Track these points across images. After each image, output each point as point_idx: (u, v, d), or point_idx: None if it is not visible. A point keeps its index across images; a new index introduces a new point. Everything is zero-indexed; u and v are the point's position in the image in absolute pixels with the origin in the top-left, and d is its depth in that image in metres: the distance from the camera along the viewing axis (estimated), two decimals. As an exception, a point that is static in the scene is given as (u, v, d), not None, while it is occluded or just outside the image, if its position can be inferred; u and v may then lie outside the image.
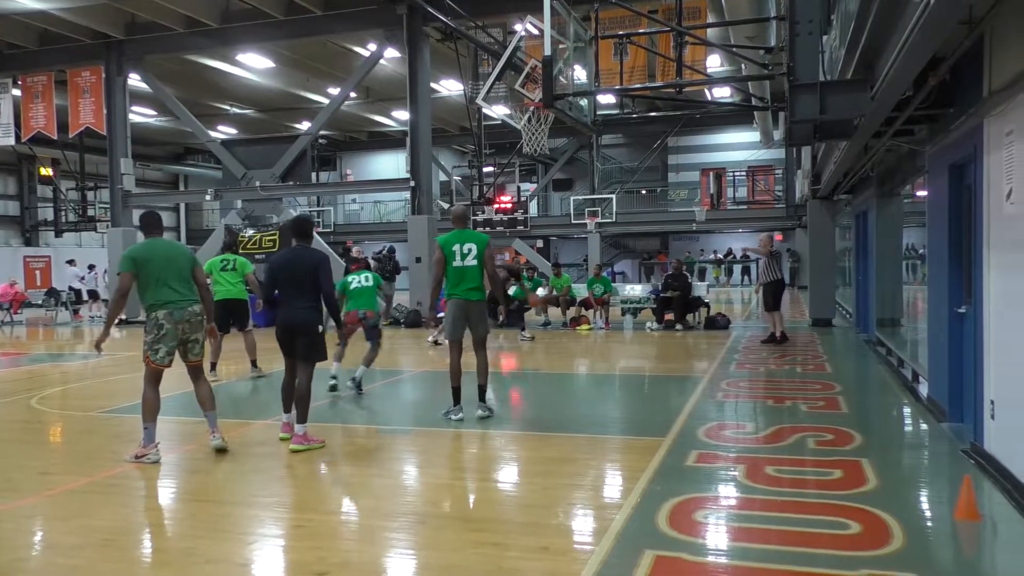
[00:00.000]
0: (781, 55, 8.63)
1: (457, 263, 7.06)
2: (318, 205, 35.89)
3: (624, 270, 37.02)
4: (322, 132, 28.57)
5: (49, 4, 16.56)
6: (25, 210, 31.45)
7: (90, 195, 27.02)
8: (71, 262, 23.17)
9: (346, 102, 21.85)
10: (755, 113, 26.77)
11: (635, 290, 17.90)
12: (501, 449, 6.49)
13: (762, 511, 4.56)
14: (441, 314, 8.04)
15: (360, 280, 8.87)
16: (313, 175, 29.08)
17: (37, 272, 28.82)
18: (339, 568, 3.90)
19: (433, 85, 20.81)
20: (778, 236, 33.57)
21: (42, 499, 5.15)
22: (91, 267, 22.95)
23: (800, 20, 6.85)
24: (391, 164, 35.41)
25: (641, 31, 14.56)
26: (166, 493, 5.44)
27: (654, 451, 5.86)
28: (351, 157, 38.96)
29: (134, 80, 20.01)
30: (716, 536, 4.24)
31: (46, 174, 28.94)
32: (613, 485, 5.42)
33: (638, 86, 15.73)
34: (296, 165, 18.97)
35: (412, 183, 17.61)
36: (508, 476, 5.76)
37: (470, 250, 7.04)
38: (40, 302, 24.38)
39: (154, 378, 6.34)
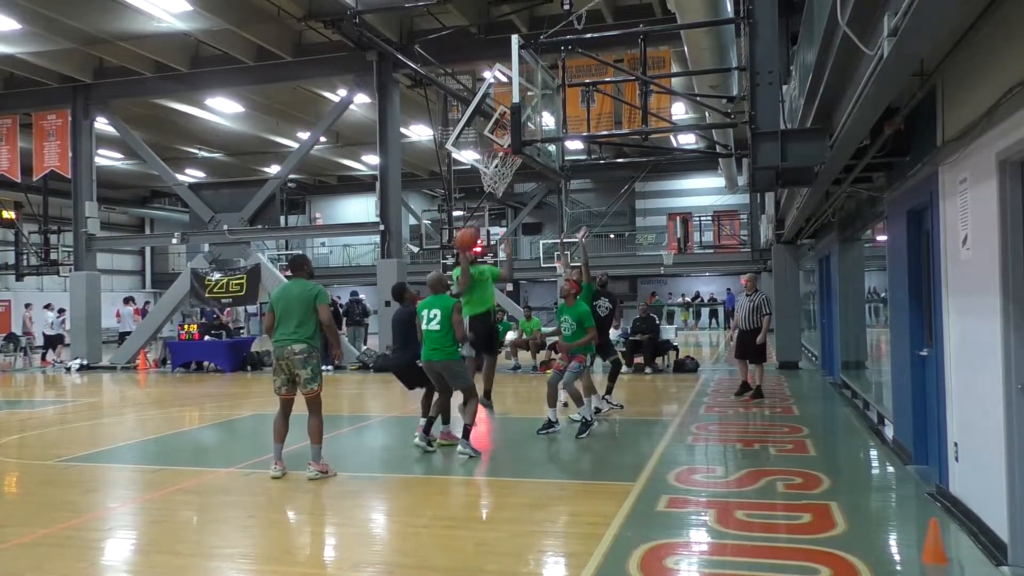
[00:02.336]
0: (743, 104, 8.87)
1: (424, 327, 7.57)
2: (287, 248, 35.66)
3: (593, 313, 37.14)
4: (291, 176, 28.55)
5: (16, 48, 16.48)
6: (-15, 253, 30.81)
7: (53, 238, 26.53)
8: (48, 306, 22.55)
9: (316, 146, 21.91)
10: (719, 159, 27.33)
11: (604, 333, 17.94)
12: (470, 495, 6.41)
13: (733, 556, 4.54)
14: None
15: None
16: (282, 219, 28.97)
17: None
18: (304, 622, 3.79)
19: (403, 130, 20.98)
20: (744, 280, 34.06)
21: (-7, 554, 4.95)
22: (60, 311, 22.38)
23: (760, 71, 7.04)
24: (360, 208, 35.40)
25: (608, 79, 14.86)
26: (125, 545, 5.27)
27: (624, 496, 5.83)
28: (320, 201, 38.91)
29: (101, 123, 19.89)
30: (687, 582, 4.20)
31: (8, 217, 28.43)
32: (583, 532, 5.36)
33: (605, 133, 15.98)
34: (265, 209, 18.89)
35: (382, 227, 17.62)
36: (477, 523, 5.67)
37: (435, 315, 7.51)
38: (-2, 348, 23.78)
39: (280, 406, 7.12)
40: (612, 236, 35.74)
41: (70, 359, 19.37)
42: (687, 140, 24.97)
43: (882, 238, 8.37)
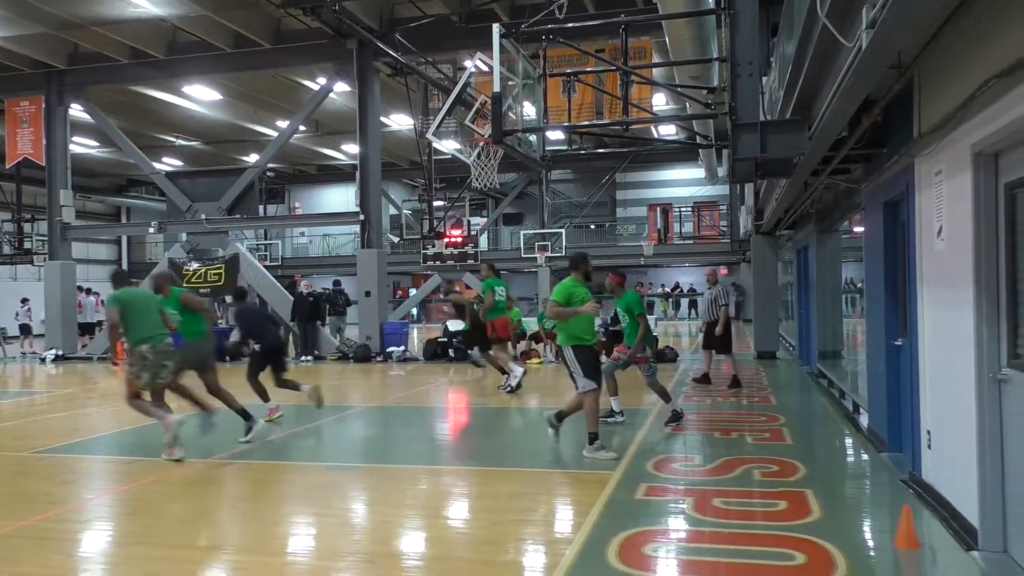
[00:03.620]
0: (723, 95, 8.91)
1: None
2: (266, 238, 35.39)
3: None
4: (270, 165, 28.30)
5: (-12, 33, 16.17)
6: (-43, 242, 30.31)
7: (27, 227, 26.14)
8: (26, 300, 22.11)
9: (295, 135, 21.71)
10: (700, 150, 27.46)
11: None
12: (450, 485, 6.42)
13: (710, 543, 4.59)
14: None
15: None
16: (261, 208, 28.74)
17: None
18: (283, 611, 3.79)
19: (383, 119, 20.84)
20: (723, 270, 34.28)
21: (-33, 546, 4.89)
22: (24, 301, 22.03)
23: (740, 62, 7.08)
24: (340, 197, 35.19)
25: (589, 69, 14.85)
26: (102, 537, 5.23)
27: (604, 485, 5.87)
28: (300, 190, 38.62)
29: (76, 110, 19.59)
30: (666, 569, 4.25)
31: (-21, 205, 27.97)
32: (563, 520, 5.40)
33: (586, 123, 16.01)
34: (243, 198, 18.71)
35: (362, 217, 17.52)
36: (458, 512, 5.69)
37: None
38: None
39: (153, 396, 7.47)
40: (592, 227, 35.82)
41: (44, 350, 19.12)
42: (668, 131, 25.06)
43: (859, 229, 8.46)
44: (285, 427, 9.04)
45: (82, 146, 25.56)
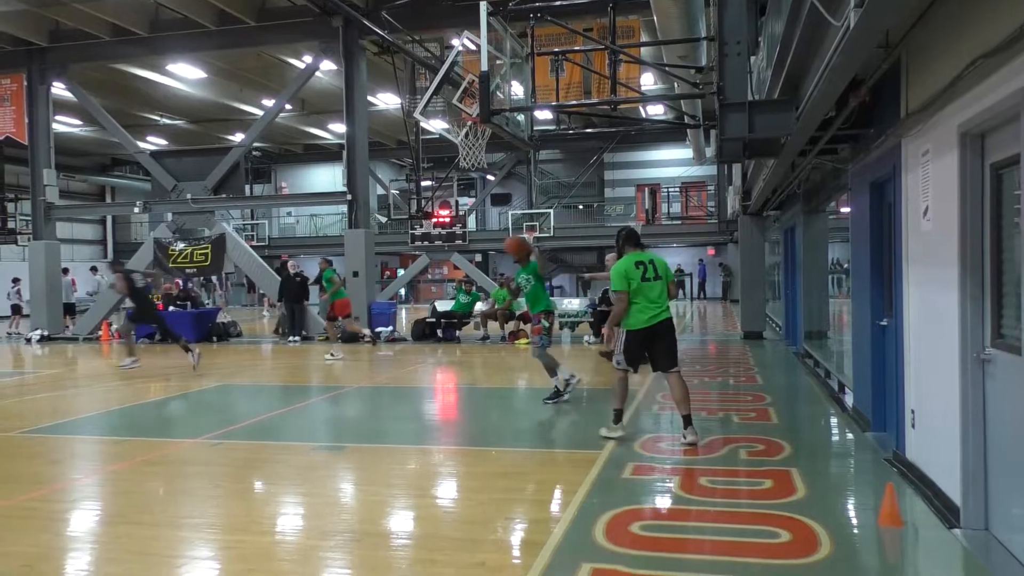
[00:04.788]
0: (711, 74, 8.88)
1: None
2: (252, 218, 35.16)
3: (562, 284, 37.35)
4: (256, 144, 28.06)
5: (-34, 8, 15.88)
6: (-62, 222, 29.95)
7: (10, 207, 25.85)
8: (16, 280, 21.88)
9: (281, 114, 21.52)
10: (688, 130, 27.43)
11: (572, 304, 18.05)
12: (438, 465, 6.44)
13: (696, 522, 4.63)
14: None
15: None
16: (247, 188, 28.52)
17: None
18: (272, 590, 3.80)
19: (370, 98, 20.67)
20: (711, 251, 34.38)
21: (-47, 527, 4.87)
22: (15, 281, 21.80)
23: (728, 41, 7.05)
24: (327, 177, 34.98)
25: (577, 48, 14.77)
26: (90, 516, 5.21)
27: (591, 464, 5.90)
28: (286, 170, 38.35)
29: (58, 88, 19.30)
30: (652, 547, 4.28)
31: (-38, 185, 27.60)
32: (550, 499, 5.43)
33: (574, 103, 15.91)
34: (229, 177, 18.54)
35: (349, 196, 17.42)
36: (444, 492, 5.71)
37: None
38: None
39: None
40: (581, 207, 35.79)
41: (29, 330, 18.98)
42: (656, 111, 24.99)
43: (846, 210, 8.49)
44: (273, 407, 9.03)
45: (65, 125, 25.25)
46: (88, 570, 4.26)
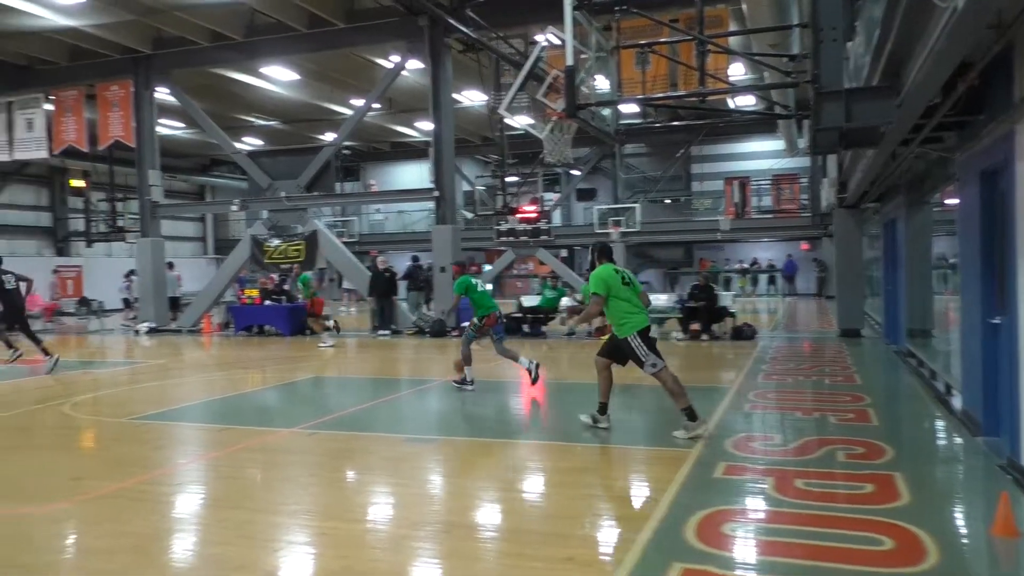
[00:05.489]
0: (805, 63, 8.57)
1: None
2: (343, 215, 36.13)
3: (648, 280, 36.91)
4: (346, 143, 28.79)
5: (79, 20, 16.87)
6: (57, 221, 32.04)
7: (119, 206, 27.42)
8: (132, 273, 23.11)
9: (369, 113, 21.99)
10: (779, 121, 26.60)
11: (660, 300, 17.80)
12: (524, 459, 6.47)
13: (792, 525, 4.50)
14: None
15: (483, 285, 9.80)
16: (337, 185, 29.27)
17: (69, 282, 29.27)
18: (365, 577, 3.90)
19: (455, 95, 20.89)
20: (804, 245, 33.28)
21: (74, 504, 5.21)
22: (128, 275, 22.99)
23: (824, 27, 6.80)
24: (414, 174, 35.57)
25: (663, 40, 14.53)
26: (194, 500, 5.49)
27: (680, 463, 5.81)
28: (374, 167, 39.22)
29: (162, 93, 20.32)
30: (745, 550, 4.19)
31: (77, 186, 29.42)
32: (639, 496, 5.38)
33: (660, 95, 15.66)
34: (321, 176, 19.12)
35: (436, 193, 17.68)
36: (531, 486, 5.74)
37: None
38: (73, 310, 24.80)
39: None
40: (667, 201, 35.23)
41: (137, 322, 20.07)
42: (745, 102, 24.34)
43: (952, 201, 8.06)
44: (364, 399, 9.28)
45: (168, 127, 26.54)
46: (193, 551, 4.49)
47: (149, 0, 15.98)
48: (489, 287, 9.69)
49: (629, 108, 24.32)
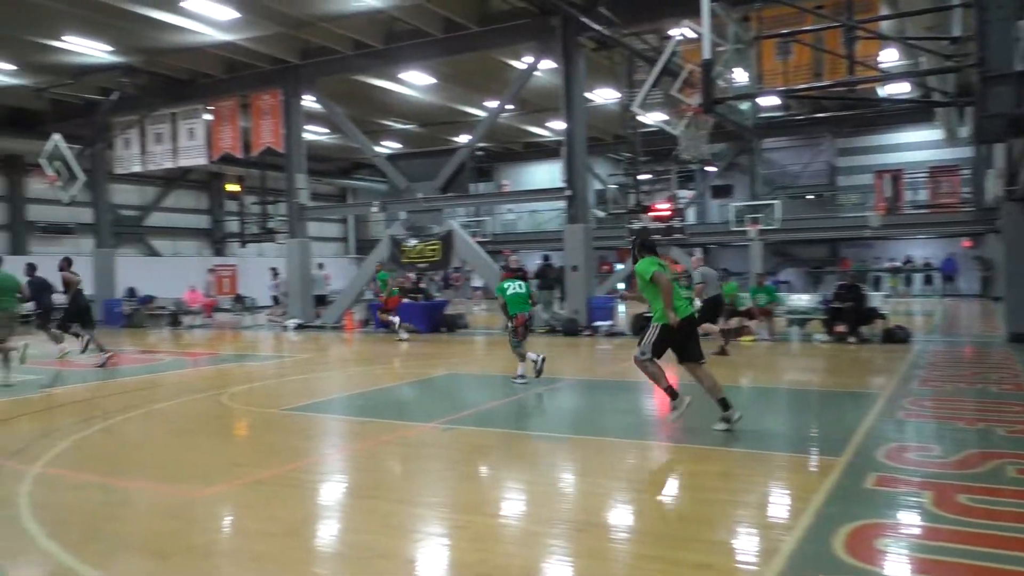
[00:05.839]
0: (969, 44, 7.97)
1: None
2: (476, 215, 36.90)
3: (789, 279, 35.40)
4: (479, 144, 29.39)
5: (234, 35, 18.16)
6: (215, 223, 34.60)
7: (270, 208, 29.27)
8: (275, 270, 24.80)
9: (502, 114, 22.37)
10: (936, 109, 24.82)
11: (802, 300, 17.04)
12: (659, 460, 6.39)
13: (952, 543, 4.20)
14: None
15: (515, 287, 10.11)
16: (471, 186, 29.95)
17: (225, 280, 31.60)
18: (501, 571, 3.98)
19: (587, 94, 20.84)
20: (966, 242, 30.90)
21: (232, 488, 5.63)
22: (275, 274, 24.53)
23: (990, 6, 6.30)
24: (546, 174, 35.81)
25: (807, 28, 13.91)
26: (341, 488, 5.78)
27: (827, 471, 5.55)
28: (507, 167, 39.79)
29: (307, 101, 21.51)
30: (899, 566, 3.95)
31: (232, 190, 31.69)
32: (781, 504, 5.18)
33: (803, 86, 15.00)
34: (455, 177, 19.66)
35: (568, 192, 17.73)
36: (666, 489, 5.65)
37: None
38: (228, 307, 26.73)
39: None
40: (810, 197, 33.65)
41: (285, 318, 21.33)
42: (898, 89, 22.88)
43: None
44: (497, 396, 9.45)
45: (313, 133, 28.04)
46: (339, 537, 4.74)
47: (298, 13, 16.97)
48: (521, 288, 10.17)
49: (769, 101, 23.43)
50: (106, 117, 22.72)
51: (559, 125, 20.87)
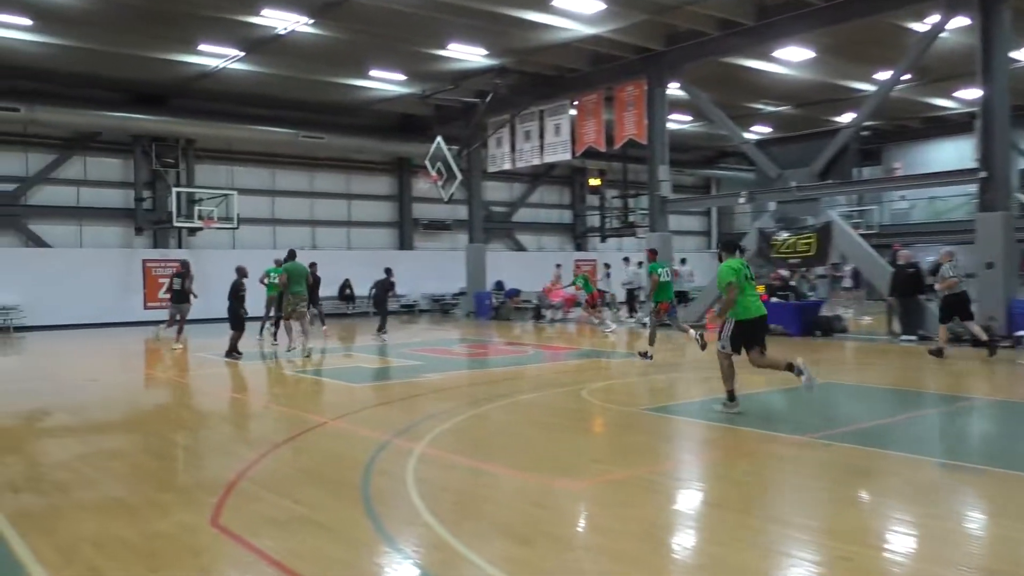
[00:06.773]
0: None
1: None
2: (859, 204, 34.28)
3: None
4: (866, 122, 27.21)
5: (599, 28, 19.07)
6: (576, 218, 36.81)
7: (630, 202, 30.31)
8: (627, 259, 25.91)
9: (896, 86, 20.40)
10: None
11: None
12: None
13: None
14: None
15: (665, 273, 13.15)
16: (855, 171, 27.80)
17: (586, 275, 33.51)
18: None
19: (1011, 55, 18.11)
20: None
21: (592, 484, 5.96)
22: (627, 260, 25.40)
23: None
24: (951, 153, 31.93)
25: None
26: (698, 496, 5.80)
27: None
28: (899, 148, 36.26)
29: (671, 88, 21.79)
30: None
31: (594, 184, 33.43)
32: None
33: None
34: (836, 161, 18.42)
35: (982, 174, 15.60)
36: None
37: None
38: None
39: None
40: None
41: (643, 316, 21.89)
42: None
43: None
44: (883, 412, 8.69)
45: (676, 122, 28.36)
46: (696, 547, 4.75)
47: (662, -2, 17.29)
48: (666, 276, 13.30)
49: None
50: (481, 118, 25.42)
51: (970, 94, 18.48)
